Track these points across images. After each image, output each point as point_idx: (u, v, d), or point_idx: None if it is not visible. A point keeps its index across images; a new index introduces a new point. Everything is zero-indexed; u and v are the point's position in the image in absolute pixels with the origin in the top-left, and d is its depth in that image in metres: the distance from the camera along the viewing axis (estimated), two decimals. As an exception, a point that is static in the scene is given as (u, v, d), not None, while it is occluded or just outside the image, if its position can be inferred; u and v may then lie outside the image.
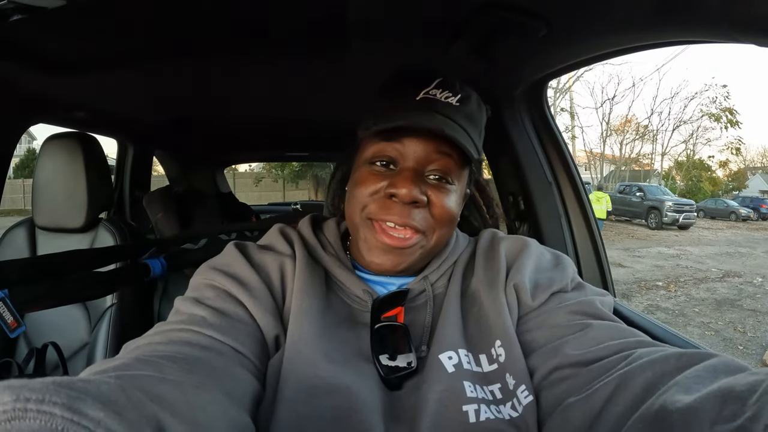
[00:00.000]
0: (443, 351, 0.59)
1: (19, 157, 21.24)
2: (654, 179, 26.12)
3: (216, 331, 0.53)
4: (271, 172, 20.08)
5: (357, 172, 0.66)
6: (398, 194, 0.59)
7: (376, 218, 0.62)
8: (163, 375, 0.40)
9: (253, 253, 0.66)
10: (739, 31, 0.58)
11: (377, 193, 0.62)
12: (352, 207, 0.64)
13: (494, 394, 0.56)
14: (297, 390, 0.53)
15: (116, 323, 1.46)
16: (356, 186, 0.64)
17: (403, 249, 0.62)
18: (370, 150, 0.64)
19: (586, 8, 0.79)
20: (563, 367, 0.55)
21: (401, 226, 0.61)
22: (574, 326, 0.58)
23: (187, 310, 0.57)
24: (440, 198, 0.62)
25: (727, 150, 24.64)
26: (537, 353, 0.59)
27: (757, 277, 8.30)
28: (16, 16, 0.73)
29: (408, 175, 0.60)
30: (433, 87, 0.62)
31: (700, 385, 0.39)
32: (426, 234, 0.63)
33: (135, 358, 0.44)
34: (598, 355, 0.52)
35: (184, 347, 0.49)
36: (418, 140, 0.61)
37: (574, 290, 0.65)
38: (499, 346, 0.59)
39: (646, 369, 0.45)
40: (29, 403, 0.23)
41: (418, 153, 0.62)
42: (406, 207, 0.60)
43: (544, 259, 0.69)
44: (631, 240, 13.11)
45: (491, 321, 0.62)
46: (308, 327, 0.58)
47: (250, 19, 0.93)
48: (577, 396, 0.50)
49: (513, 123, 1.32)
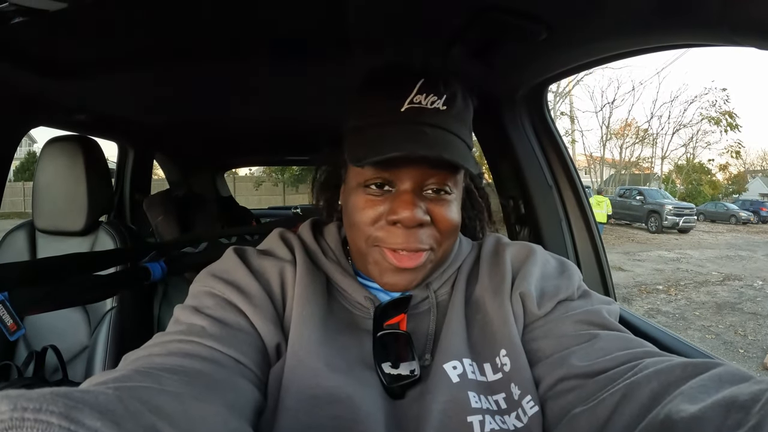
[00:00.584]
0: (448, 360, 0.58)
1: (20, 160, 21.25)
2: (654, 183, 26.10)
3: (216, 342, 0.53)
4: (271, 176, 20.12)
5: (352, 195, 0.62)
6: (401, 220, 0.57)
7: (384, 245, 0.59)
8: (162, 386, 0.39)
9: (253, 259, 0.65)
10: (739, 34, 0.58)
11: (379, 220, 0.59)
12: (356, 234, 0.62)
13: (499, 404, 0.56)
14: (299, 399, 0.52)
15: (116, 326, 1.45)
16: (354, 212, 0.61)
17: (415, 268, 0.60)
18: (362, 173, 0.60)
19: (586, 12, 0.79)
20: (569, 378, 0.54)
21: (411, 251, 0.59)
22: (580, 336, 0.58)
23: (187, 320, 0.56)
24: (442, 211, 0.60)
25: (727, 153, 24.77)
26: (543, 363, 0.58)
27: (758, 280, 8.30)
28: (18, 19, 0.73)
29: (407, 198, 0.57)
30: (416, 92, 0.58)
31: (705, 395, 0.38)
32: (434, 249, 0.61)
33: (134, 370, 0.44)
34: (604, 366, 0.52)
35: (184, 359, 0.49)
36: (411, 161, 0.57)
37: (580, 298, 0.64)
38: (504, 355, 0.58)
39: (652, 379, 0.45)
40: (26, 413, 0.23)
41: (413, 174, 0.58)
42: (413, 231, 0.58)
43: (549, 267, 0.68)
44: (632, 244, 13.11)
45: (496, 329, 0.61)
46: (309, 335, 0.57)
47: (251, 23, 0.93)
48: (583, 406, 0.50)
49: (513, 126, 1.32)
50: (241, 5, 0.85)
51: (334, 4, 0.85)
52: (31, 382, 1.21)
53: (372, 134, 0.58)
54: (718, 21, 0.60)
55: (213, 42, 1.03)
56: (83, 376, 1.42)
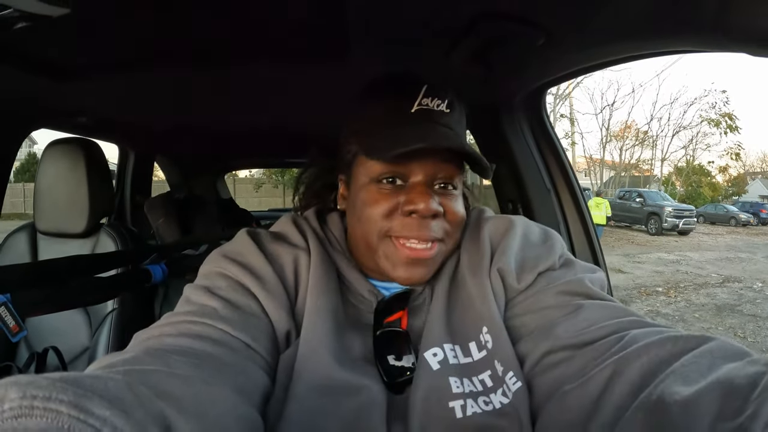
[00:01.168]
0: (428, 348, 0.58)
1: (20, 161, 21.24)
2: (654, 185, 26.13)
3: (228, 325, 0.52)
4: (271, 178, 20.08)
5: (362, 192, 0.63)
6: (418, 210, 0.58)
7: (398, 236, 0.60)
8: (172, 369, 0.39)
9: (267, 243, 0.65)
10: (733, 41, 0.59)
11: (395, 211, 0.60)
12: (367, 228, 0.62)
13: (485, 383, 0.56)
14: (308, 388, 0.53)
15: (117, 328, 1.46)
16: (367, 207, 0.62)
17: (428, 259, 0.61)
18: (374, 168, 0.62)
19: (584, 17, 0.80)
20: (555, 350, 0.54)
21: (425, 241, 0.60)
22: (564, 308, 0.57)
23: (198, 300, 0.56)
24: (451, 205, 0.62)
25: (726, 155, 24.76)
26: (528, 338, 0.58)
27: (757, 282, 8.29)
28: (21, 24, 0.73)
29: (423, 189, 0.59)
30: (423, 96, 0.61)
31: (697, 374, 0.38)
32: (445, 241, 0.62)
33: (144, 351, 0.44)
34: (591, 336, 0.52)
35: (195, 341, 0.49)
36: (423, 155, 0.60)
37: (562, 267, 0.64)
38: (486, 333, 0.59)
39: (642, 354, 0.44)
40: (36, 401, 0.23)
41: (426, 167, 0.61)
42: (426, 221, 0.59)
43: (532, 236, 0.68)
44: (631, 246, 13.10)
45: (477, 307, 0.61)
46: (322, 326, 0.58)
47: (251, 27, 0.94)
48: (572, 384, 0.49)
49: (512, 130, 1.32)
50: (241, 9, 0.86)
51: (334, 9, 0.86)
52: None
53: (389, 132, 0.60)
54: (713, 28, 0.60)
55: (213, 45, 1.03)
56: (84, 378, 1.43)
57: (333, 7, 0.86)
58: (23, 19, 0.72)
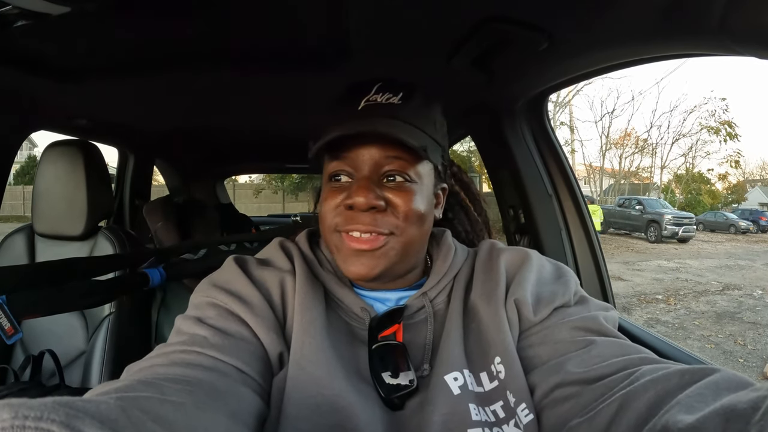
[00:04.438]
0: (449, 371, 0.58)
1: (20, 164, 21.27)
2: (653, 192, 26.14)
3: (219, 352, 0.53)
4: (271, 183, 20.14)
5: (323, 192, 0.66)
6: (355, 204, 0.59)
7: (342, 230, 0.62)
8: (165, 396, 0.39)
9: (253, 269, 0.66)
10: (739, 44, 0.59)
11: (339, 206, 0.62)
12: (323, 226, 0.65)
13: (497, 413, 0.56)
14: (300, 407, 0.53)
15: (114, 332, 1.44)
16: (322, 204, 0.65)
17: (374, 251, 0.60)
18: (328, 169, 0.65)
19: (586, 22, 0.80)
20: (565, 384, 0.54)
21: (365, 233, 0.60)
22: (577, 343, 0.57)
23: (189, 330, 0.57)
24: (401, 198, 0.61)
25: (726, 163, 24.77)
26: (539, 370, 0.58)
27: (757, 289, 8.28)
28: (20, 22, 0.73)
29: (362, 183, 0.60)
30: (373, 93, 0.63)
31: (702, 404, 0.38)
32: (394, 234, 0.61)
33: (137, 380, 0.44)
34: (601, 372, 0.52)
35: (187, 369, 0.49)
36: (366, 148, 0.61)
37: (577, 305, 0.64)
38: (499, 363, 0.58)
39: (649, 388, 0.44)
40: (27, 421, 0.24)
41: (368, 161, 0.61)
42: (367, 214, 0.60)
43: (545, 272, 0.68)
44: (631, 253, 13.10)
45: (491, 337, 0.61)
46: (310, 343, 0.58)
47: (252, 33, 0.94)
48: (580, 418, 0.49)
49: (513, 136, 1.32)
50: (242, 16, 0.85)
51: (335, 15, 0.85)
52: (28, 386, 1.20)
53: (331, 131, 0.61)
54: (719, 30, 0.60)
55: (214, 50, 1.03)
56: (80, 381, 1.42)
57: (333, 15, 0.86)
58: (22, 17, 0.72)
